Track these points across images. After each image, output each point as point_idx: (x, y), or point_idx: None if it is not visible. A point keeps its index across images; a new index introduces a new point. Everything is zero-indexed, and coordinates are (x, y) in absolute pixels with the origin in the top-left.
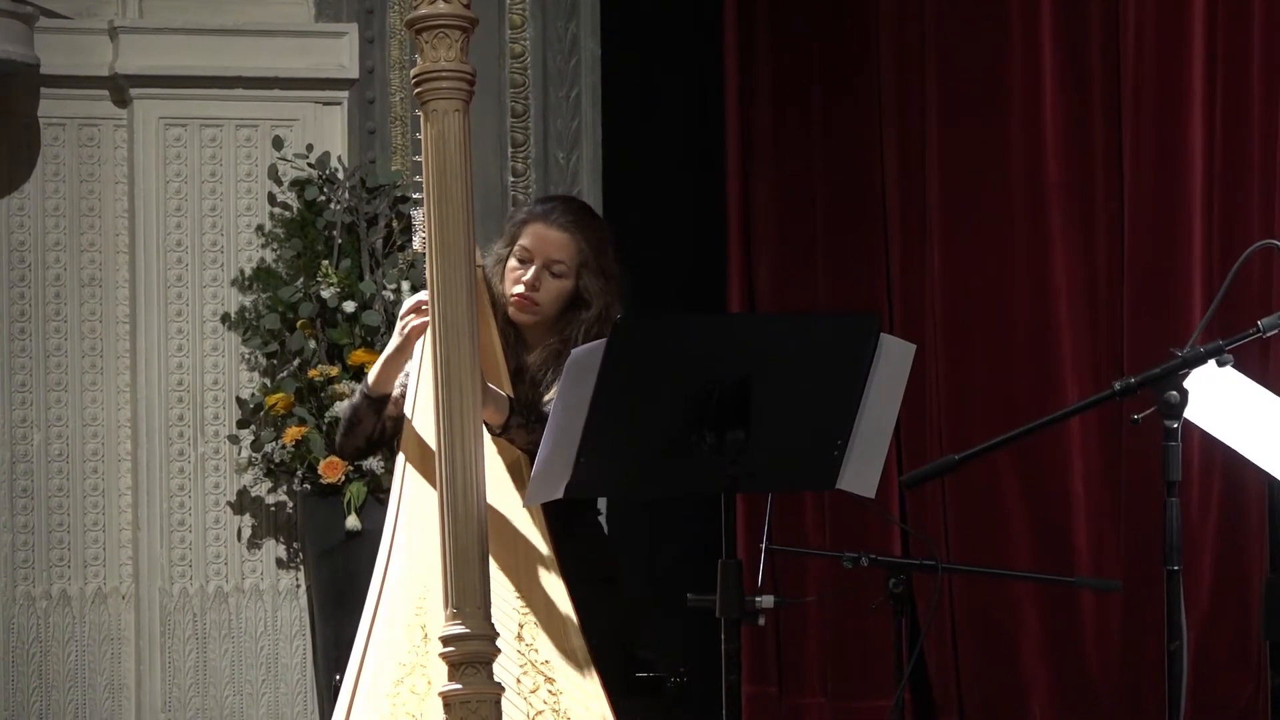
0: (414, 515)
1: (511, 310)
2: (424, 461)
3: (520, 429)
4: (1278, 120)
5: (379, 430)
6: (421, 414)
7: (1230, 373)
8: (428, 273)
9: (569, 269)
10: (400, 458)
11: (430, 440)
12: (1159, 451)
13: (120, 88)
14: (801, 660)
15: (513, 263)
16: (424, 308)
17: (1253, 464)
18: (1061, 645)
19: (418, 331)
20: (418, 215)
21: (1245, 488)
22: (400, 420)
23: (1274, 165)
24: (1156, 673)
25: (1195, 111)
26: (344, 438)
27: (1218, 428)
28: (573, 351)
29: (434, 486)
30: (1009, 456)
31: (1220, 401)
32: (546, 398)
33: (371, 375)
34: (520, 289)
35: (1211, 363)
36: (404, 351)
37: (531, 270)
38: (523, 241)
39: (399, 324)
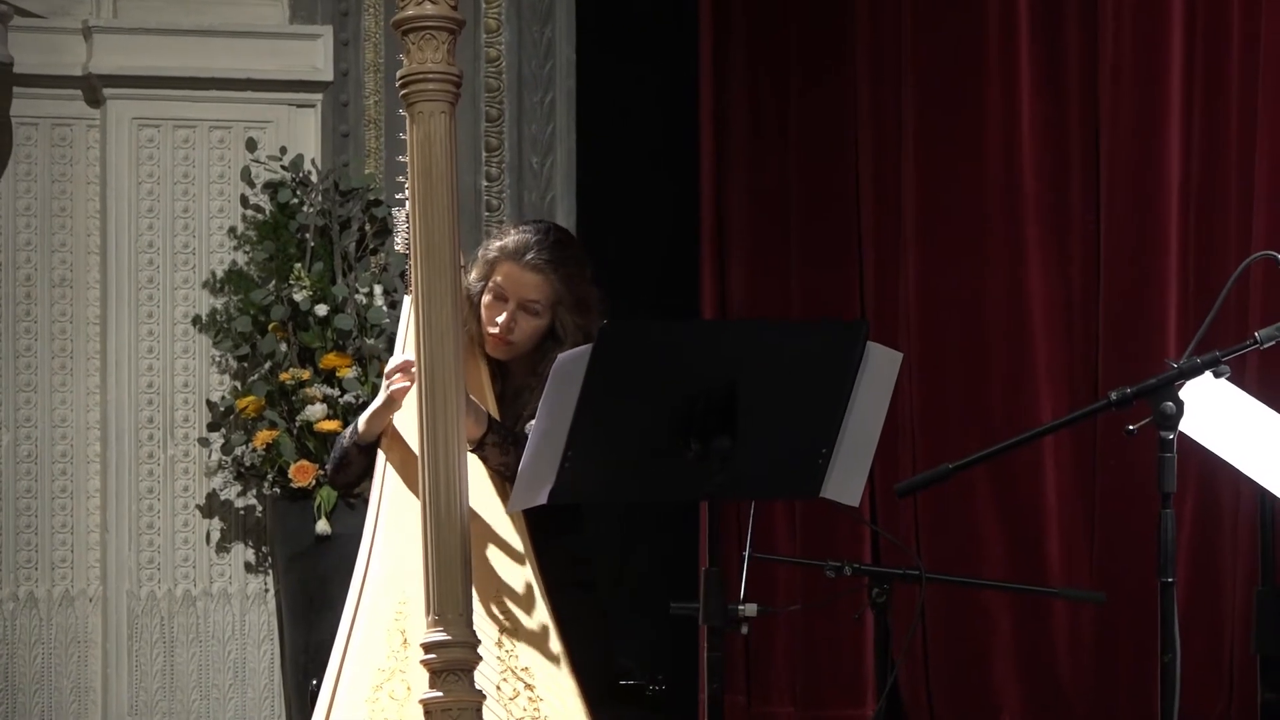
0: (395, 517)
1: (488, 346)
2: (405, 463)
3: (495, 447)
4: (1255, 132)
5: (370, 469)
6: (403, 415)
7: (1226, 385)
8: (411, 276)
9: (544, 307)
10: (381, 459)
11: (412, 441)
12: (1133, 463)
13: (93, 88)
14: (770, 669)
15: (487, 299)
16: (411, 369)
17: (1227, 477)
18: (1033, 656)
19: (402, 393)
20: (400, 215)
21: (1219, 500)
22: None
23: (1251, 177)
24: (1129, 684)
25: (1173, 121)
26: (334, 474)
27: (1212, 440)
28: (558, 357)
29: (415, 488)
30: (981, 466)
31: (1215, 414)
32: (525, 423)
33: (360, 424)
34: (495, 330)
35: (1208, 374)
36: (390, 408)
37: (506, 312)
38: (497, 279)
39: (384, 382)
